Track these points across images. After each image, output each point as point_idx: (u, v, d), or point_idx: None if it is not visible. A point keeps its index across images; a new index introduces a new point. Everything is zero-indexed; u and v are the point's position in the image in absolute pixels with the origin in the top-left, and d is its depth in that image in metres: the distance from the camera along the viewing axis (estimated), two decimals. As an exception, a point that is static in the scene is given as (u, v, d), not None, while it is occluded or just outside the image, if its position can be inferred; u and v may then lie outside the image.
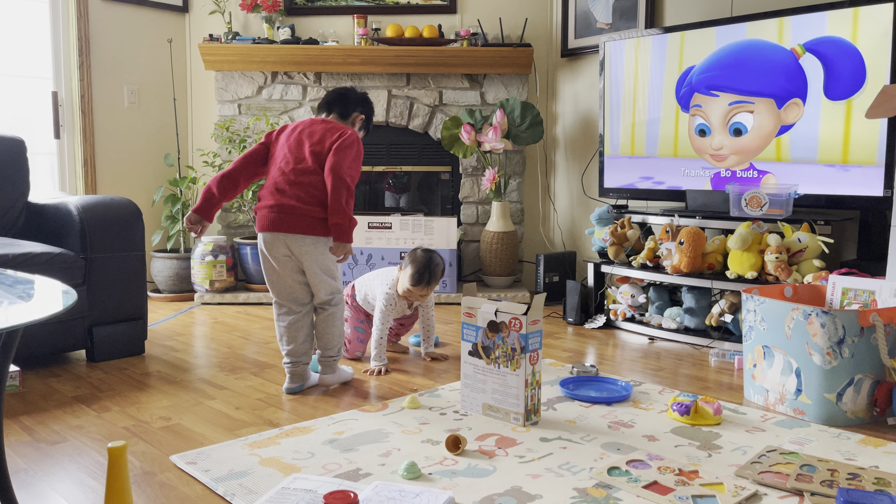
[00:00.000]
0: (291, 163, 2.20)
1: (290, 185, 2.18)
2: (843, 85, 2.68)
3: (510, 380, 1.92)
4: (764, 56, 2.87)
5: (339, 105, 2.40)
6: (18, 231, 2.81)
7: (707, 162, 3.08)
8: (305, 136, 2.24)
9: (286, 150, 2.24)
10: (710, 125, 3.02)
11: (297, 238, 2.17)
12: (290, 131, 2.28)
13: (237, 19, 4.08)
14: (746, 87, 2.90)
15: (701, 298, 2.97)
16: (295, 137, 2.25)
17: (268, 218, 2.18)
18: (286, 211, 2.16)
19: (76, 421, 1.98)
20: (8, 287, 1.48)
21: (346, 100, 2.41)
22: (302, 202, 2.16)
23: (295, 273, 2.23)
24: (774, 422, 1.99)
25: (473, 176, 4.08)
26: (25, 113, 3.69)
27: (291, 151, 2.23)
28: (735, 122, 2.95)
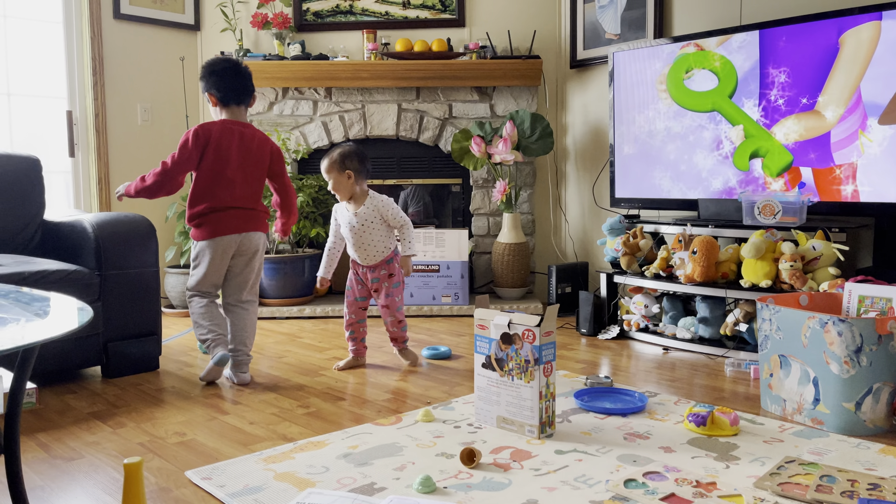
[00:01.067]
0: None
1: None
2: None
3: (524, 392, 1.91)
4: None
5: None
6: (34, 249, 2.84)
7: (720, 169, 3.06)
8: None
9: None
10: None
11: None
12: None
13: (248, 36, 4.12)
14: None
15: (715, 308, 2.95)
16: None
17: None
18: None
19: (92, 437, 1.99)
20: (24, 304, 1.49)
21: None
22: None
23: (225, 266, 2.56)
24: (792, 432, 1.97)
25: (484, 188, 4.08)
26: (41, 132, 3.74)
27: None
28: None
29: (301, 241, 3.98)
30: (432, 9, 4.09)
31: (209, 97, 2.55)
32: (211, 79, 2.52)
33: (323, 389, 2.43)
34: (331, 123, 4.06)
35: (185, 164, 2.44)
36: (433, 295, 3.75)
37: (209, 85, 2.53)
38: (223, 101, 2.53)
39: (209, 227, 2.46)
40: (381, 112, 4.05)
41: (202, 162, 2.46)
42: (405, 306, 3.68)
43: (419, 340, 3.18)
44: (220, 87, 2.52)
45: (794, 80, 2.83)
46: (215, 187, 2.46)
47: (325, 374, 2.63)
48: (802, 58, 2.80)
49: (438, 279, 3.74)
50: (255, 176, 2.54)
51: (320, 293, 2.48)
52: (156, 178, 2.41)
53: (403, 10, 4.10)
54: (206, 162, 2.46)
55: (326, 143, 4.06)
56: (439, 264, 3.73)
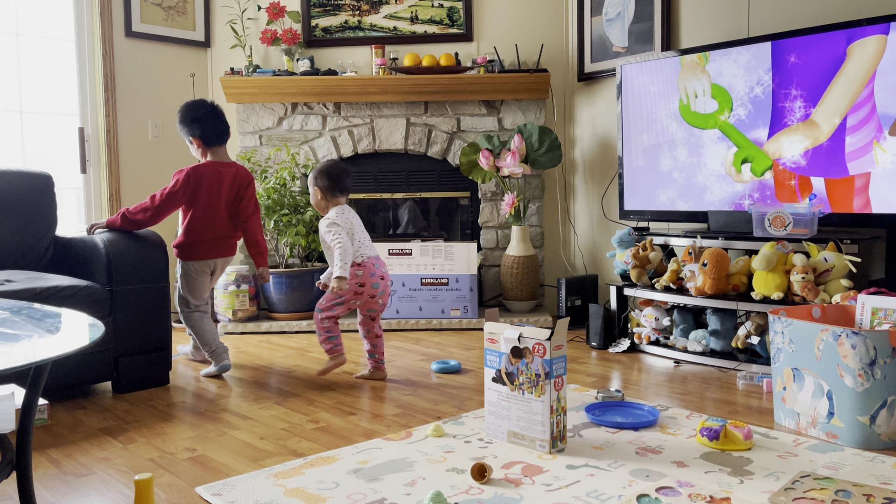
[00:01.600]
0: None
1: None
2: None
3: (535, 406, 1.90)
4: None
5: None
6: (46, 265, 2.86)
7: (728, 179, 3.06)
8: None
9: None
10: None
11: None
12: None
13: (258, 52, 4.15)
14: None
15: (726, 320, 2.93)
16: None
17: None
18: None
19: (103, 453, 1.99)
20: (37, 321, 1.50)
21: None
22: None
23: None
24: (807, 446, 1.95)
25: (493, 201, 4.09)
26: (53, 149, 3.77)
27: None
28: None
29: (310, 255, 3.99)
30: (440, 24, 4.11)
31: (193, 140, 2.87)
32: (193, 125, 2.85)
33: (333, 404, 2.43)
34: (340, 138, 4.08)
35: (172, 205, 2.78)
36: (442, 308, 3.74)
37: (192, 130, 2.86)
38: (207, 143, 2.87)
39: (203, 251, 2.88)
40: (390, 126, 4.06)
41: (196, 201, 2.82)
42: (415, 319, 3.70)
43: (428, 354, 3.17)
44: (203, 131, 2.85)
45: (802, 90, 2.82)
46: (209, 221, 2.85)
47: (334, 389, 2.62)
48: (810, 68, 2.79)
49: (447, 292, 3.73)
50: (235, 209, 2.93)
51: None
52: (144, 214, 2.73)
53: (411, 26, 4.13)
54: (199, 201, 2.82)
55: (335, 157, 4.08)
56: (448, 277, 3.73)
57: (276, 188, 3.78)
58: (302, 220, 3.74)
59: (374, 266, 2.70)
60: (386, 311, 3.70)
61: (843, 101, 2.72)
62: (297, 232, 3.69)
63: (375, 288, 2.70)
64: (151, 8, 4.01)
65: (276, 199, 3.76)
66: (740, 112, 3.01)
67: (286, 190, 3.83)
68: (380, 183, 4.15)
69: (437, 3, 4.11)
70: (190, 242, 2.86)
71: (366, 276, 2.68)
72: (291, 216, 3.74)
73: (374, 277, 2.69)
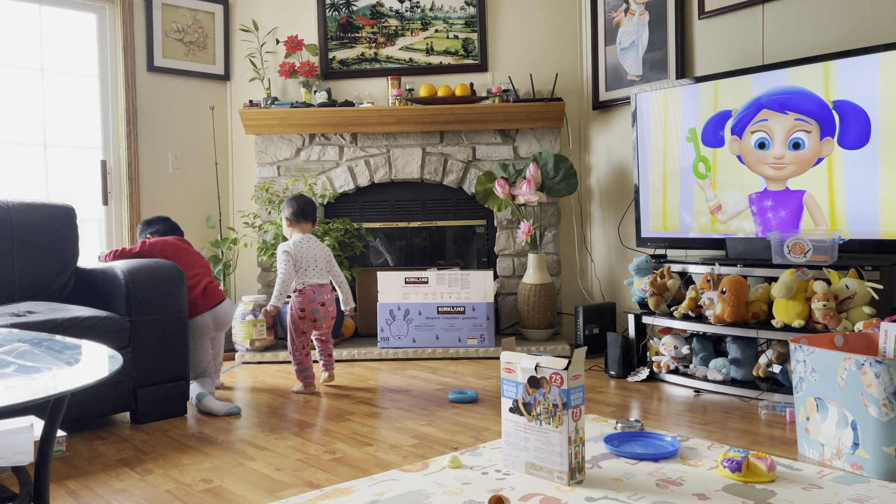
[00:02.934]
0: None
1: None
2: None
3: (553, 437, 1.88)
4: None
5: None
6: (68, 295, 2.89)
7: (764, 174, 3.03)
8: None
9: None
10: (772, 139, 2.97)
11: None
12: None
13: (276, 85, 4.22)
14: (809, 109, 2.86)
15: (747, 349, 2.89)
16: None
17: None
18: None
19: (120, 484, 1.99)
20: (56, 353, 1.52)
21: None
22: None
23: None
24: (832, 478, 1.90)
25: (508, 229, 4.09)
26: (76, 181, 3.84)
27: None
28: (795, 137, 2.90)
29: (327, 284, 4.01)
30: (455, 54, 4.16)
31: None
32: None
33: (349, 434, 2.42)
34: (356, 168, 4.11)
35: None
36: (459, 337, 3.73)
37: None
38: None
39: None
40: (406, 156, 4.10)
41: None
42: (431, 348, 3.69)
43: (445, 384, 3.16)
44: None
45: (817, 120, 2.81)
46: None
47: (351, 419, 2.61)
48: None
49: (464, 321, 3.73)
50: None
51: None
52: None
53: (427, 57, 4.18)
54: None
55: (352, 187, 4.12)
56: (465, 306, 3.72)
57: (293, 218, 3.81)
58: (319, 249, 3.76)
59: (315, 293, 3.08)
60: (402, 340, 3.72)
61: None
62: (315, 261, 3.71)
63: (315, 313, 3.08)
64: (173, 43, 4.10)
65: (293, 229, 3.79)
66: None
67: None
68: (396, 212, 4.17)
69: (453, 35, 4.16)
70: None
71: (305, 301, 3.07)
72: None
73: (313, 304, 3.07)
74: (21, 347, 1.53)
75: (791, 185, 2.92)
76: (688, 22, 3.58)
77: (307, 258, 3.10)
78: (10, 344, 1.57)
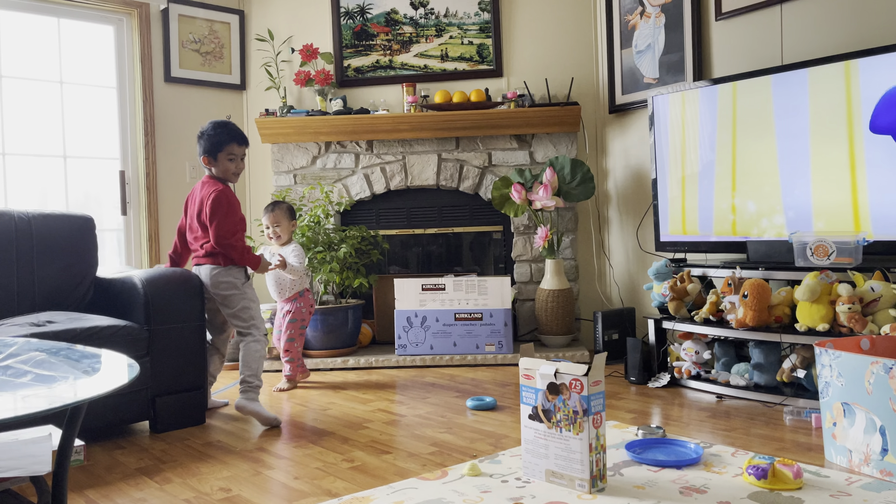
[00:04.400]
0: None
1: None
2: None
3: (573, 444, 1.85)
4: None
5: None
6: (87, 305, 2.91)
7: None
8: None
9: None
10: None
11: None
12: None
13: (292, 94, 4.24)
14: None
15: (770, 353, 2.84)
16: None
17: None
18: None
19: (139, 494, 1.99)
20: (74, 362, 1.52)
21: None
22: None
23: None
24: (860, 485, 1.86)
25: (525, 234, 4.07)
26: (95, 192, 3.88)
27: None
28: None
29: (344, 291, 4.01)
30: (470, 60, 4.16)
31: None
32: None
33: (367, 442, 2.40)
34: (372, 175, 4.11)
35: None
36: (476, 344, 3.71)
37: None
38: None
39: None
40: (422, 162, 4.09)
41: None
42: (449, 355, 3.67)
43: (463, 391, 3.13)
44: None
45: (841, 117, 2.76)
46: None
47: (369, 427, 2.60)
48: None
49: (482, 327, 3.70)
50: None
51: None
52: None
53: (441, 63, 4.18)
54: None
55: (368, 194, 4.12)
56: (482, 312, 3.70)
57: (310, 226, 3.81)
58: (336, 257, 3.76)
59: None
60: (420, 347, 3.72)
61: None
62: (332, 269, 3.71)
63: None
64: (190, 54, 4.13)
65: (310, 237, 3.80)
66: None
67: (320, 227, 3.86)
68: (412, 218, 4.17)
69: (467, 41, 4.16)
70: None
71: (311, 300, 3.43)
72: (325, 253, 3.77)
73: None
74: (38, 357, 1.54)
75: None
76: (704, 24, 3.54)
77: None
78: (28, 353, 1.57)
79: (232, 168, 2.83)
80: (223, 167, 2.82)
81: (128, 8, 3.91)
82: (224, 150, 2.80)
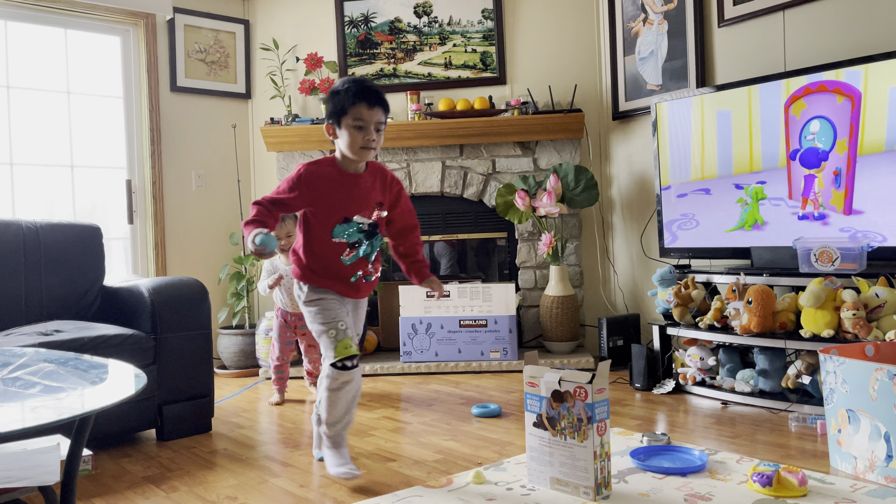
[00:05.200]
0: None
1: None
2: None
3: (578, 451, 1.86)
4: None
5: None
6: (94, 314, 2.93)
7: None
8: None
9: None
10: None
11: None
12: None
13: (296, 102, 4.26)
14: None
15: (775, 359, 2.84)
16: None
17: None
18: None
19: (146, 502, 2.00)
20: (82, 372, 1.53)
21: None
22: None
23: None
24: (865, 491, 1.86)
25: (530, 241, 4.07)
26: (102, 201, 3.91)
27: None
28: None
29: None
30: (473, 68, 4.17)
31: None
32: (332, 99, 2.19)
33: (372, 450, 2.41)
34: (377, 183, 4.13)
35: None
36: (481, 350, 3.71)
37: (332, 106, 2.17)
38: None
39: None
40: (426, 170, 4.11)
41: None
42: (454, 362, 3.67)
43: (468, 398, 3.14)
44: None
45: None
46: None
47: (374, 435, 2.61)
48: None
49: (486, 334, 3.71)
50: None
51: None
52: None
53: (445, 71, 4.20)
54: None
55: (373, 201, 4.13)
56: (487, 319, 3.71)
57: (315, 234, 3.83)
58: (341, 264, 3.77)
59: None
60: (425, 353, 3.72)
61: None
62: (336, 276, 3.72)
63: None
64: (195, 63, 4.16)
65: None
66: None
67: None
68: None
69: (471, 49, 4.18)
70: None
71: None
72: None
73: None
74: (46, 367, 1.55)
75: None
76: (707, 30, 3.55)
77: None
78: (37, 364, 1.59)
79: (359, 140, 2.08)
80: (349, 137, 2.08)
81: (134, 18, 3.94)
82: (349, 112, 2.08)
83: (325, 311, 2.10)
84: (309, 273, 2.14)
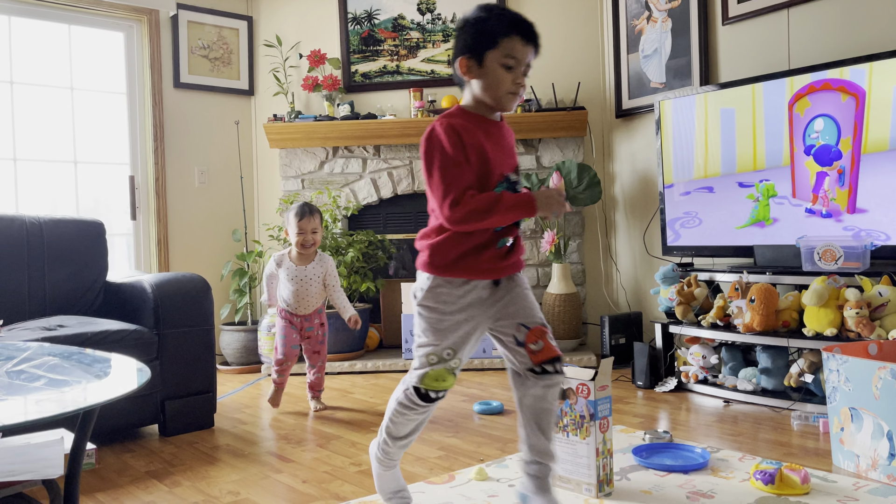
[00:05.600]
0: None
1: None
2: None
3: (580, 449, 1.86)
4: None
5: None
6: (98, 309, 2.93)
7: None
8: None
9: None
10: None
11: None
12: None
13: (299, 99, 4.26)
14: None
15: (777, 358, 2.84)
16: None
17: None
18: None
19: (148, 497, 2.00)
20: (86, 366, 1.53)
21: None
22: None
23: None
24: (868, 490, 1.85)
25: (532, 238, 4.07)
26: (105, 197, 3.91)
27: None
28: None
29: (352, 295, 4.02)
30: (477, 65, 4.16)
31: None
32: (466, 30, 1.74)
33: (375, 446, 2.41)
34: (380, 180, 4.13)
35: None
36: (483, 348, 3.71)
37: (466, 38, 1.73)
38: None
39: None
40: (429, 167, 4.10)
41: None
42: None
43: (470, 395, 3.14)
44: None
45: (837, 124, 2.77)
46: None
47: (376, 431, 2.60)
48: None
49: (489, 332, 3.70)
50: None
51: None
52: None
53: (448, 68, 4.19)
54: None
55: (376, 199, 4.13)
56: (489, 317, 3.70)
57: (317, 230, 3.83)
58: (343, 261, 3.78)
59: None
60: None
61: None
62: (339, 273, 3.73)
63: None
64: (198, 59, 4.16)
65: (317, 242, 3.82)
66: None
67: (328, 232, 3.88)
68: (420, 222, 4.18)
69: (474, 46, 4.17)
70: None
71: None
72: (333, 257, 3.79)
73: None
74: (51, 361, 1.56)
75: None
76: (711, 28, 3.55)
77: None
78: (41, 358, 1.59)
79: (507, 82, 1.62)
80: (494, 77, 1.63)
81: (138, 14, 3.94)
82: (501, 46, 1.63)
83: (437, 331, 1.68)
84: (442, 260, 1.66)
